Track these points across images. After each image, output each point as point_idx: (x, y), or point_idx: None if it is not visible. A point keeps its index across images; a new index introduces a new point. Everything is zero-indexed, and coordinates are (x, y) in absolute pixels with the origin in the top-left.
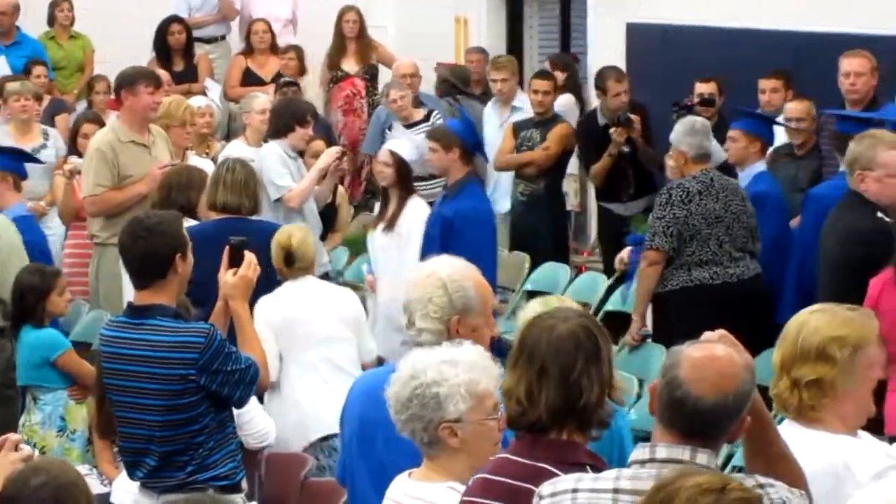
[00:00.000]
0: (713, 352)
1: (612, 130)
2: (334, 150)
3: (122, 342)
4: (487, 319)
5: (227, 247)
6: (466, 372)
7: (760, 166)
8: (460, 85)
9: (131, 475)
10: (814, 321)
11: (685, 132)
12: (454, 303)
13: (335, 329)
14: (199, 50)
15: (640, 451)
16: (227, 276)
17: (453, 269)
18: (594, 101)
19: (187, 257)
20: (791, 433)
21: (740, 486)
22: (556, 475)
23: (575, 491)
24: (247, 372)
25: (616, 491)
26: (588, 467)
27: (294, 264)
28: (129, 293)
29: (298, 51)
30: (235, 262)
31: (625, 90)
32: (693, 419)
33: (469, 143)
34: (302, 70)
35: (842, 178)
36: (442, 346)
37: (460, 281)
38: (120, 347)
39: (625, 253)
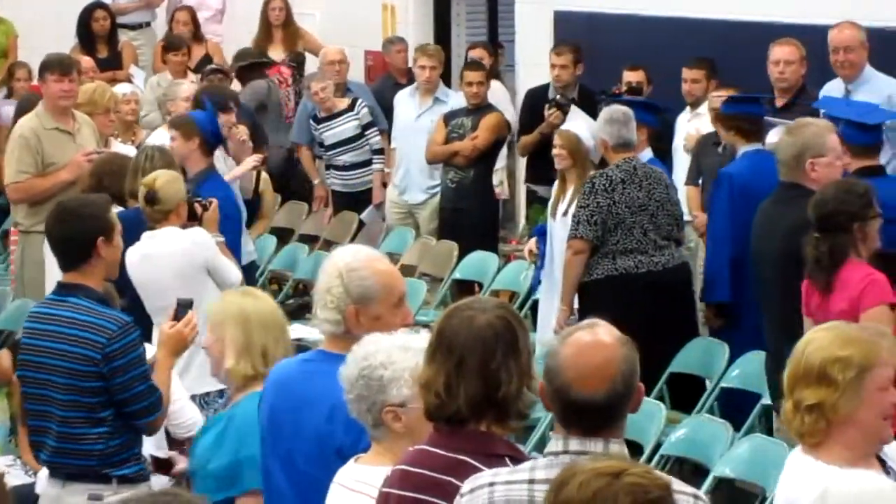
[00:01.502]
0: (583, 342)
1: (546, 108)
2: (253, 160)
3: (42, 318)
4: (394, 308)
5: (176, 303)
6: (416, 357)
7: (648, 153)
8: (265, 59)
9: (36, 457)
10: (818, 340)
11: (604, 121)
12: (350, 292)
13: (181, 293)
14: (123, 36)
15: (553, 444)
16: (164, 326)
17: (353, 258)
18: (521, 88)
19: (113, 241)
20: (858, 478)
21: (643, 472)
22: (475, 467)
23: (492, 485)
24: (151, 393)
25: (531, 481)
26: (507, 458)
27: (156, 205)
28: (51, 281)
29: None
30: (179, 318)
31: (562, 64)
32: (592, 416)
33: (209, 135)
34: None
35: (751, 158)
36: (399, 333)
37: (359, 270)
38: (39, 323)
39: (532, 244)
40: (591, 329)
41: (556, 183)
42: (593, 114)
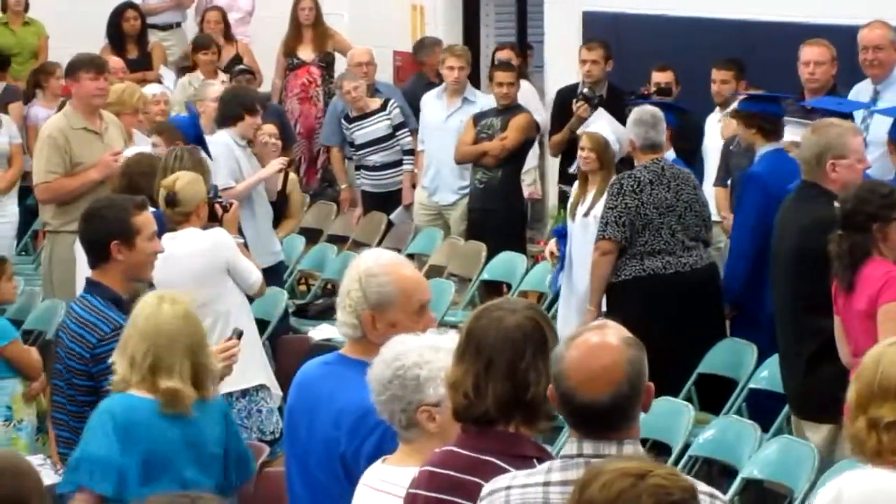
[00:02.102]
0: (588, 345)
1: (574, 102)
2: (278, 163)
3: (69, 313)
4: (415, 315)
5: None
6: (448, 357)
7: (671, 154)
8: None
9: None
10: (890, 354)
11: (633, 121)
12: (367, 297)
13: (200, 294)
14: (153, 37)
15: (568, 447)
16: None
17: (374, 262)
18: (549, 88)
19: (134, 244)
20: (872, 478)
21: (667, 474)
22: (502, 468)
23: (509, 488)
24: None
25: (546, 484)
26: (535, 460)
27: (176, 206)
28: (82, 280)
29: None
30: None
31: (593, 59)
32: (599, 420)
33: (192, 139)
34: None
35: (770, 158)
36: (426, 334)
37: (378, 275)
38: (65, 318)
39: (553, 245)
40: (597, 331)
41: (577, 184)
42: (621, 114)
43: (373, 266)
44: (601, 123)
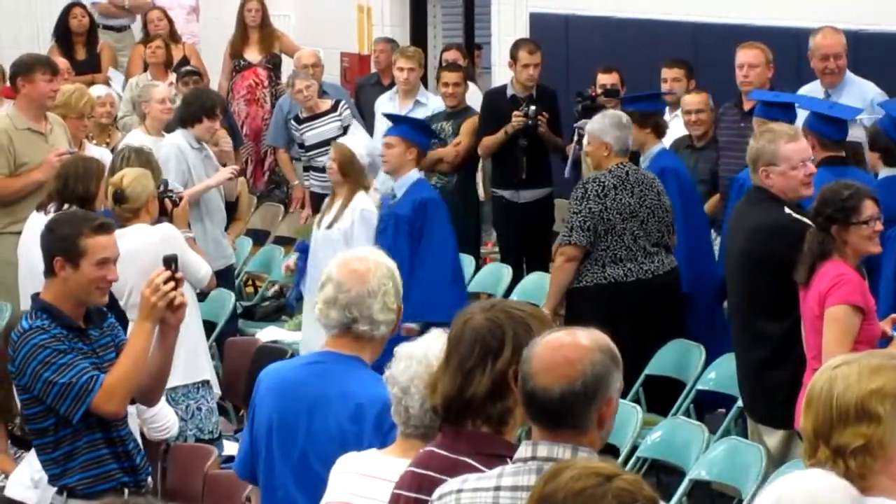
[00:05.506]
0: (559, 340)
1: (515, 113)
2: (229, 171)
3: None
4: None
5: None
6: None
7: (416, 174)
8: None
9: None
10: (841, 378)
11: (613, 125)
12: (399, 291)
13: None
14: (107, 38)
15: (522, 449)
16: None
17: (384, 257)
18: None
19: (79, 266)
20: (809, 480)
21: (634, 480)
22: (475, 467)
23: (459, 491)
24: (69, 387)
25: (497, 488)
26: (507, 459)
27: (124, 203)
28: (24, 283)
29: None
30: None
31: (535, 63)
32: (545, 411)
33: None
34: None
35: (667, 155)
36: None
37: (394, 268)
38: None
39: (291, 261)
40: (573, 331)
41: (328, 198)
42: (554, 110)
43: (387, 260)
44: (356, 137)
